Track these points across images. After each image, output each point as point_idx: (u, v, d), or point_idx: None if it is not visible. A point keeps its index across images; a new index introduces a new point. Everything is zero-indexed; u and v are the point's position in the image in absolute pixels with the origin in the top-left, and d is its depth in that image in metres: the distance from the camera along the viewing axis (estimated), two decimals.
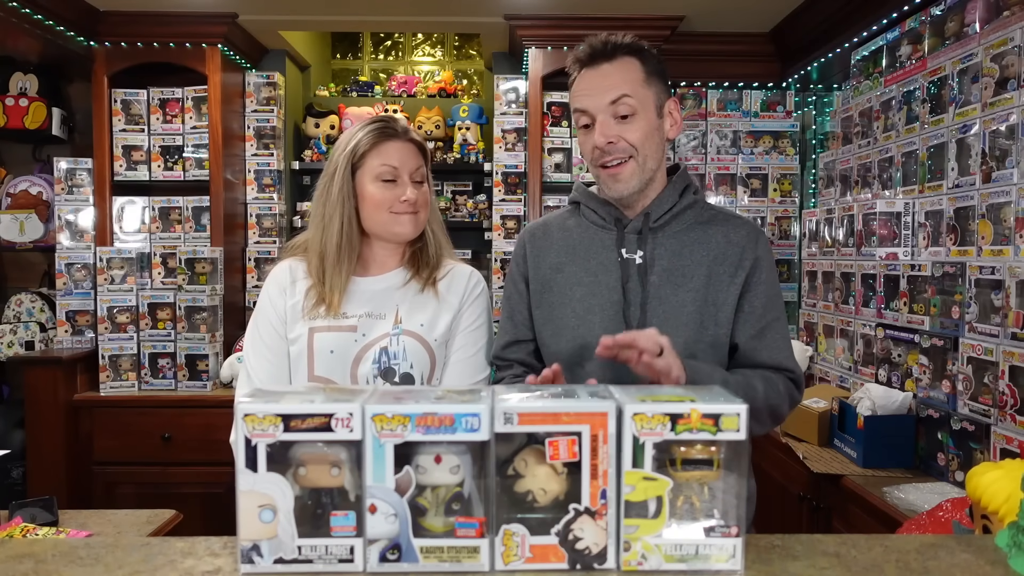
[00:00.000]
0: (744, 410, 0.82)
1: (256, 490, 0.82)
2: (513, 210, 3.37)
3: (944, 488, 1.99)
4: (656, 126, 1.35)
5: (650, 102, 1.34)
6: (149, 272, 3.21)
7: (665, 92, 1.37)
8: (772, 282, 1.39)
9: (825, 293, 2.86)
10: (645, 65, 1.34)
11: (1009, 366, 1.82)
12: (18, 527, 1.62)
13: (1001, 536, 0.91)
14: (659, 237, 1.37)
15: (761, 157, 3.45)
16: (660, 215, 1.38)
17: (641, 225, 1.37)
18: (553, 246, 1.45)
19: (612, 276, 1.37)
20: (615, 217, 1.40)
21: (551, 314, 1.40)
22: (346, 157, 1.47)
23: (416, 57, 4.48)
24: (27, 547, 0.92)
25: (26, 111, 3.23)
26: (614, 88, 1.31)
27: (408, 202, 1.44)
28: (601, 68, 1.33)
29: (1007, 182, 1.90)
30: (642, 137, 1.32)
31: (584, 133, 1.36)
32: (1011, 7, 1.97)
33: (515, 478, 0.83)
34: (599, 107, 1.32)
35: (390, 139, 1.46)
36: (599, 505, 0.83)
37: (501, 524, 0.83)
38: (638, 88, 1.32)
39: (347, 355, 1.45)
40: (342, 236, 1.47)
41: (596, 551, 0.83)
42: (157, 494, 2.85)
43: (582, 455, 0.82)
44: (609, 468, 0.82)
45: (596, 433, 0.82)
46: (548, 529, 0.83)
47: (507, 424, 0.82)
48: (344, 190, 1.46)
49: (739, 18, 3.21)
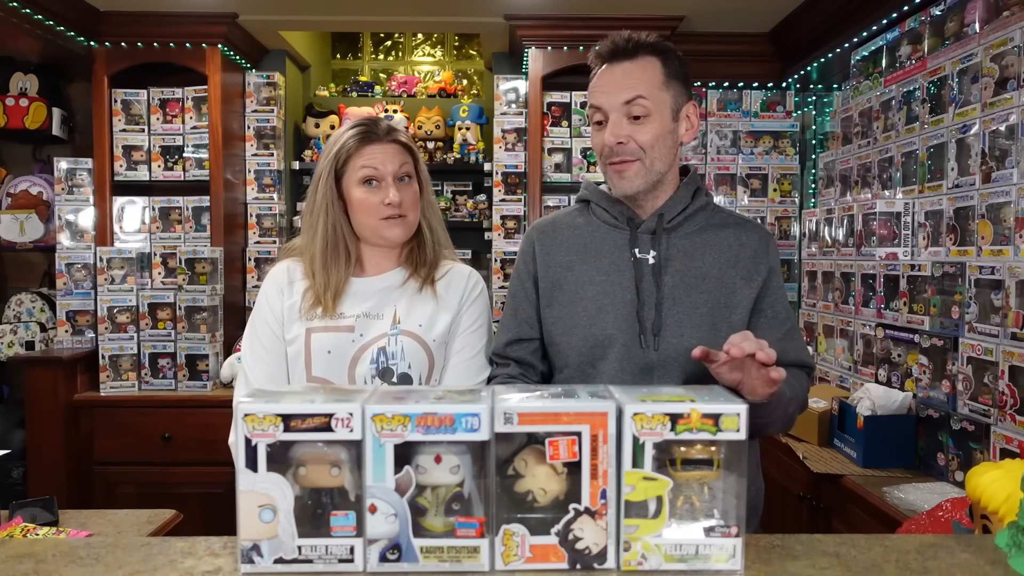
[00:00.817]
0: (744, 410, 0.82)
1: (256, 490, 0.82)
2: (513, 210, 3.37)
3: (944, 488, 1.99)
4: (670, 129, 1.34)
5: (666, 105, 1.33)
6: (149, 272, 3.21)
7: (684, 95, 1.36)
8: (782, 285, 1.43)
9: (825, 293, 2.86)
10: (666, 67, 1.33)
11: (1009, 366, 1.82)
12: (18, 527, 1.62)
13: (1001, 536, 0.91)
14: (672, 238, 1.37)
15: (761, 157, 3.45)
16: (673, 216, 1.38)
17: (655, 225, 1.37)
18: (563, 244, 1.44)
19: (625, 276, 1.36)
20: (627, 216, 1.39)
21: (562, 312, 1.40)
22: (329, 163, 1.47)
23: (416, 57, 4.48)
24: (27, 547, 0.92)
25: (26, 111, 3.23)
26: (630, 88, 1.31)
27: (392, 205, 1.43)
28: (621, 66, 1.32)
29: (1007, 182, 1.91)
30: (652, 140, 1.32)
31: (596, 130, 1.36)
32: (1011, 7, 1.97)
33: (515, 478, 0.83)
34: (613, 106, 1.32)
35: (371, 143, 1.45)
36: (599, 505, 0.83)
37: (501, 524, 0.83)
38: (655, 90, 1.31)
39: (345, 355, 1.45)
40: (327, 242, 1.47)
41: (596, 551, 0.83)
42: (157, 494, 2.85)
43: (582, 455, 0.82)
44: (609, 468, 0.82)
45: (596, 433, 0.82)
46: (548, 529, 0.83)
47: (507, 424, 0.82)
48: (328, 196, 1.46)
49: (739, 18, 3.21)
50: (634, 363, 1.33)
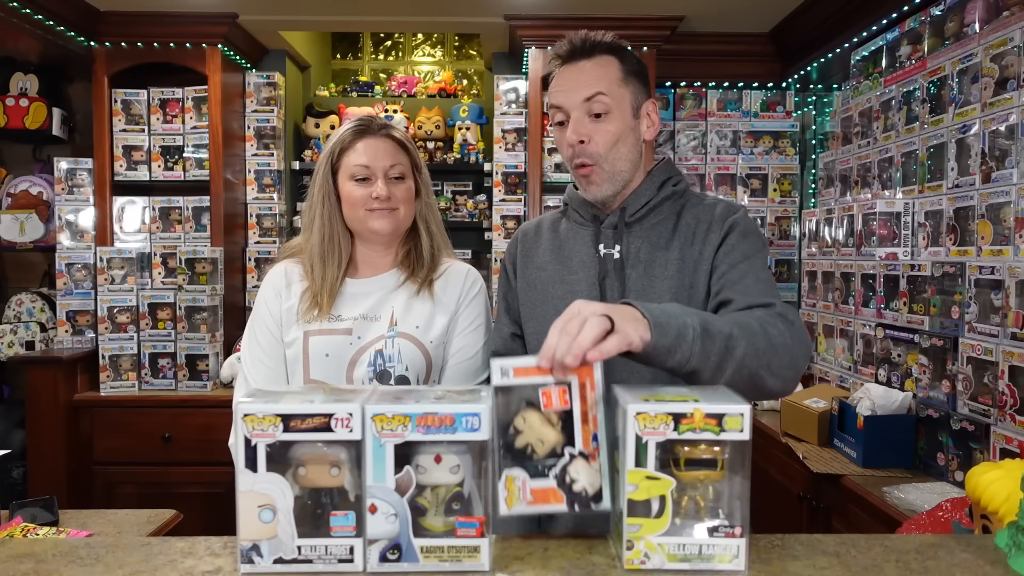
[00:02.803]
0: (748, 410, 0.82)
1: (256, 490, 0.82)
2: (513, 210, 3.38)
3: (944, 488, 1.99)
4: (631, 126, 1.35)
5: (626, 102, 1.34)
6: (149, 272, 3.21)
7: (643, 93, 1.37)
8: (745, 242, 1.30)
9: (825, 293, 2.86)
10: (624, 64, 1.34)
11: (1009, 366, 1.82)
12: (18, 527, 1.62)
13: (1001, 536, 0.91)
14: (635, 231, 1.37)
15: (761, 157, 3.45)
16: (636, 209, 1.37)
17: (617, 220, 1.38)
18: (541, 246, 1.47)
19: (590, 272, 1.37)
20: (592, 215, 1.41)
21: (533, 312, 1.42)
22: (326, 157, 1.48)
23: (416, 57, 4.48)
24: (27, 547, 0.92)
25: (26, 111, 3.23)
26: (589, 86, 1.31)
27: (380, 199, 1.43)
28: (579, 65, 1.33)
29: (1007, 182, 1.91)
30: (614, 138, 1.32)
31: (559, 130, 1.37)
32: (1011, 7, 1.97)
33: (515, 435, 0.89)
34: (574, 104, 1.32)
35: (364, 136, 1.46)
36: (592, 448, 0.89)
37: (503, 470, 0.89)
38: (614, 87, 1.32)
39: (342, 358, 1.45)
40: (323, 235, 1.47)
41: (592, 492, 0.89)
42: (157, 494, 2.85)
43: (573, 402, 0.89)
44: (598, 414, 0.90)
45: (584, 382, 0.90)
46: (547, 472, 0.89)
47: (503, 377, 0.90)
48: (324, 189, 1.47)
49: (739, 18, 3.21)
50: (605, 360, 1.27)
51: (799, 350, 1.17)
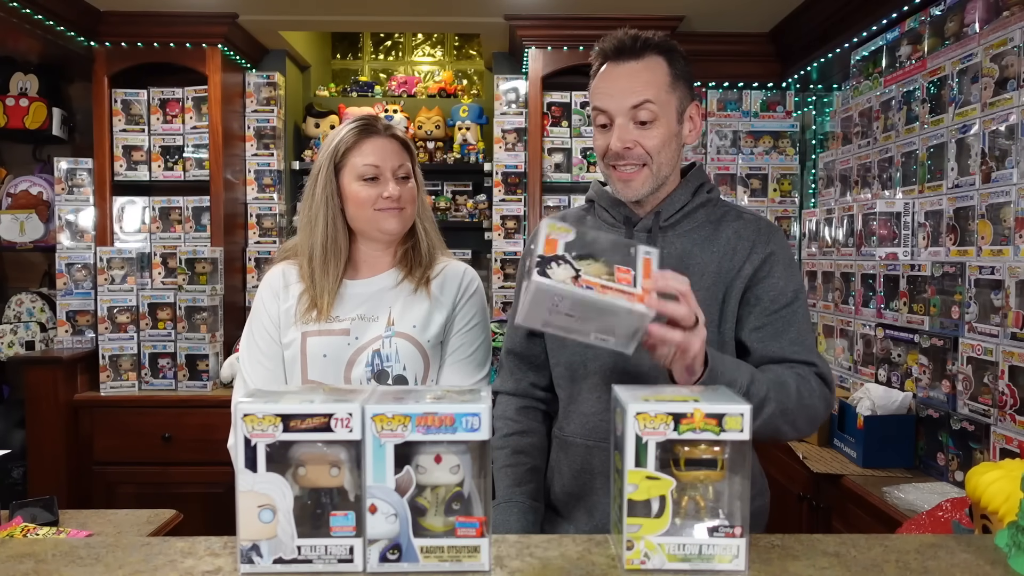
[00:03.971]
0: (747, 410, 0.82)
1: (256, 490, 0.82)
2: (513, 210, 3.38)
3: (944, 488, 1.99)
4: (675, 132, 1.30)
5: (672, 108, 1.29)
6: (149, 272, 3.21)
7: (688, 96, 1.32)
8: (787, 276, 1.32)
9: (825, 293, 2.86)
10: (672, 67, 1.29)
11: (1009, 366, 1.82)
12: (18, 527, 1.62)
13: (1001, 536, 0.91)
14: (669, 236, 1.34)
15: (761, 157, 3.45)
16: (671, 214, 1.34)
17: (651, 224, 1.34)
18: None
19: None
20: (624, 216, 1.36)
21: None
22: (328, 157, 1.46)
23: (416, 57, 4.48)
24: (27, 547, 0.92)
25: (26, 111, 3.23)
26: (637, 93, 1.26)
27: (391, 198, 1.43)
28: (627, 65, 1.27)
29: (1007, 182, 1.90)
30: (659, 144, 1.28)
31: (600, 132, 1.32)
32: (1011, 7, 1.97)
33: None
34: (619, 110, 1.27)
35: (371, 136, 1.45)
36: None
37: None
38: (662, 93, 1.27)
39: (340, 359, 1.44)
40: (327, 236, 1.46)
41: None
42: (157, 494, 2.85)
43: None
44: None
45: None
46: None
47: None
48: (327, 189, 1.45)
49: (739, 18, 3.21)
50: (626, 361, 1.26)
51: (823, 407, 1.26)
